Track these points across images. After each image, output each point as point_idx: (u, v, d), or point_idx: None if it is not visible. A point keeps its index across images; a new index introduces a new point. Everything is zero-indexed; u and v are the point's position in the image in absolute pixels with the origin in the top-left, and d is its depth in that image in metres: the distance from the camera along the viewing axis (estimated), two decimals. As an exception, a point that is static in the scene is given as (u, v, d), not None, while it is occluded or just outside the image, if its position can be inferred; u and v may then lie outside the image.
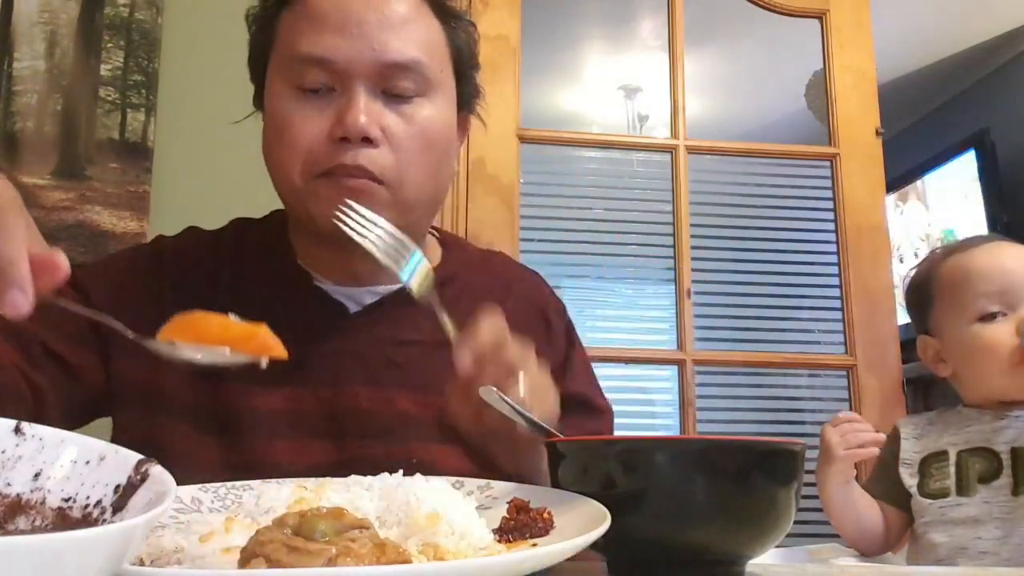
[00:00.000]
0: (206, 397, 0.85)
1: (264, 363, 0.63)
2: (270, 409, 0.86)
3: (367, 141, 0.83)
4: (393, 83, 0.86)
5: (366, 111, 0.83)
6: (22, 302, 0.52)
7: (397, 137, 0.85)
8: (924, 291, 1.28)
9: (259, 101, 0.93)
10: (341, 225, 0.77)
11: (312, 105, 0.85)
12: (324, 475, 0.67)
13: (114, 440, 0.81)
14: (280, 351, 0.63)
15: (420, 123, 0.87)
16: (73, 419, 0.84)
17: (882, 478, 1.26)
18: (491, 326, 0.72)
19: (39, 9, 1.81)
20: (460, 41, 0.93)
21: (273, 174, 0.89)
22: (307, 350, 0.88)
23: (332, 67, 0.84)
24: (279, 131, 0.86)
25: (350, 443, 0.86)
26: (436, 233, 1.07)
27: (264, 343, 0.62)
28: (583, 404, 0.99)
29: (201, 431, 0.85)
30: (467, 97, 0.97)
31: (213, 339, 0.61)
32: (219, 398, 0.85)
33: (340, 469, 0.67)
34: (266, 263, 0.95)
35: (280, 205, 0.97)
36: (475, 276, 1.01)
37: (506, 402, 0.71)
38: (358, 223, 0.77)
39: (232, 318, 0.62)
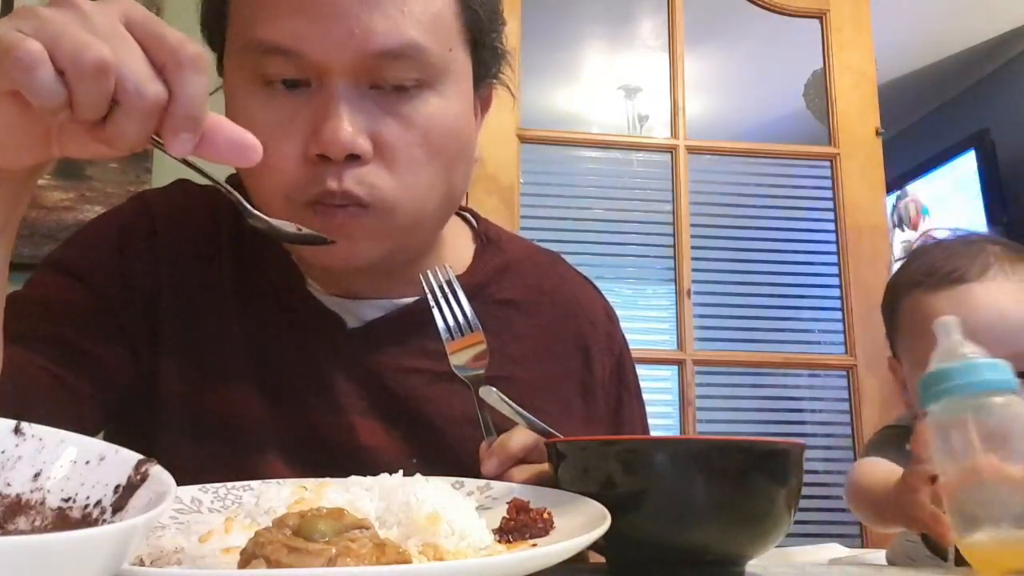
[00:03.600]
0: (210, 404, 0.76)
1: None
2: (268, 425, 0.76)
3: (353, 157, 0.67)
4: (383, 76, 0.68)
5: (349, 119, 0.66)
6: (189, 146, 0.50)
7: (392, 147, 0.69)
8: (890, 314, 1.16)
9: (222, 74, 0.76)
10: (424, 282, 0.73)
11: (284, 104, 0.68)
12: None
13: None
14: None
15: (422, 125, 0.69)
16: (112, 417, 0.76)
17: (899, 445, 1.18)
18: (522, 442, 0.69)
19: (39, 9, 1.81)
20: (476, 2, 0.73)
21: (249, 191, 0.72)
22: (302, 367, 0.78)
23: (302, 60, 0.66)
24: None
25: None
26: (475, 223, 0.92)
27: None
28: None
29: (200, 441, 0.75)
30: (487, 65, 0.78)
31: None
32: (221, 405, 0.76)
33: None
34: (263, 250, 0.80)
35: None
36: (507, 285, 0.86)
37: (506, 403, 0.71)
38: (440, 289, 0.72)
39: None
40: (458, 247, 0.87)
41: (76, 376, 0.71)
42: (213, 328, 0.78)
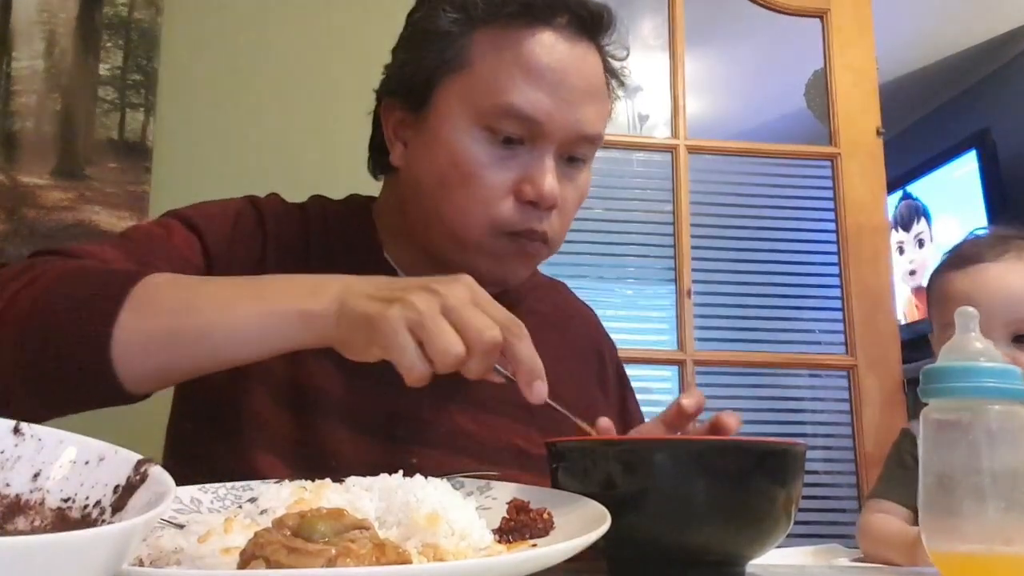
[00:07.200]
0: (284, 368, 0.85)
1: None
2: (335, 396, 0.85)
3: (552, 206, 0.85)
4: (574, 151, 0.87)
5: (554, 177, 0.84)
6: (544, 391, 0.63)
7: (565, 202, 0.87)
8: (928, 298, 1.31)
9: (411, 99, 0.89)
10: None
11: (501, 155, 0.84)
12: (375, 473, 0.63)
13: (182, 398, 0.91)
14: None
15: (581, 188, 0.90)
16: None
17: (905, 480, 1.23)
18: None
19: (38, 9, 1.81)
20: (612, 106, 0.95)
21: (448, 213, 0.86)
22: None
23: (534, 127, 0.83)
24: (467, 175, 0.84)
25: (405, 448, 0.85)
26: None
27: None
28: None
29: (278, 403, 0.85)
30: None
31: None
32: (296, 372, 0.85)
33: (392, 471, 0.63)
34: (351, 250, 0.93)
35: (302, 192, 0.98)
36: (539, 303, 1.02)
37: (552, 405, 0.70)
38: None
39: None
40: None
41: None
42: None
